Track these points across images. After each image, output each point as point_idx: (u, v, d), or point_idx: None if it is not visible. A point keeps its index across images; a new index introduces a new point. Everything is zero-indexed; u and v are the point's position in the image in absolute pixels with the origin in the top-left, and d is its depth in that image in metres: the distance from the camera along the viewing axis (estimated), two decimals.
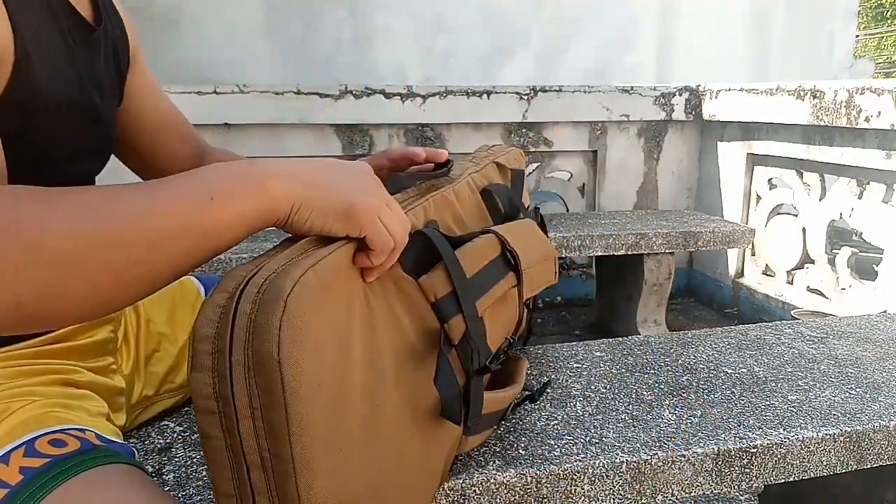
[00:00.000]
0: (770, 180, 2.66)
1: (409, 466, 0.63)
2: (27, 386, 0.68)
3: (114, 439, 0.68)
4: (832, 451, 0.86)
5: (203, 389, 0.50)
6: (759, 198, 2.70)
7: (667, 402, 0.92)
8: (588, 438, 0.82)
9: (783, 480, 0.86)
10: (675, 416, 0.88)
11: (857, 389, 0.97)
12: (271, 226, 0.53)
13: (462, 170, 0.89)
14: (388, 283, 0.62)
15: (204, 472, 0.77)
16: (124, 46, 0.86)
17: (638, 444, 0.81)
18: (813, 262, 2.44)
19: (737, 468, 0.83)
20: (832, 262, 2.34)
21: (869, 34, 15.29)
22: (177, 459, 0.80)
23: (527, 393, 0.84)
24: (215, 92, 2.25)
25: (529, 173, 2.81)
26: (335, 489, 0.52)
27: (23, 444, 0.61)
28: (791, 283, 2.55)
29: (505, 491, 0.76)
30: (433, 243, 0.67)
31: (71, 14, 0.71)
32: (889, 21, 15.43)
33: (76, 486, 0.58)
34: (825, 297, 2.38)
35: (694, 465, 0.82)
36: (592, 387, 0.97)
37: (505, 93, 2.63)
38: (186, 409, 0.91)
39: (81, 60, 0.72)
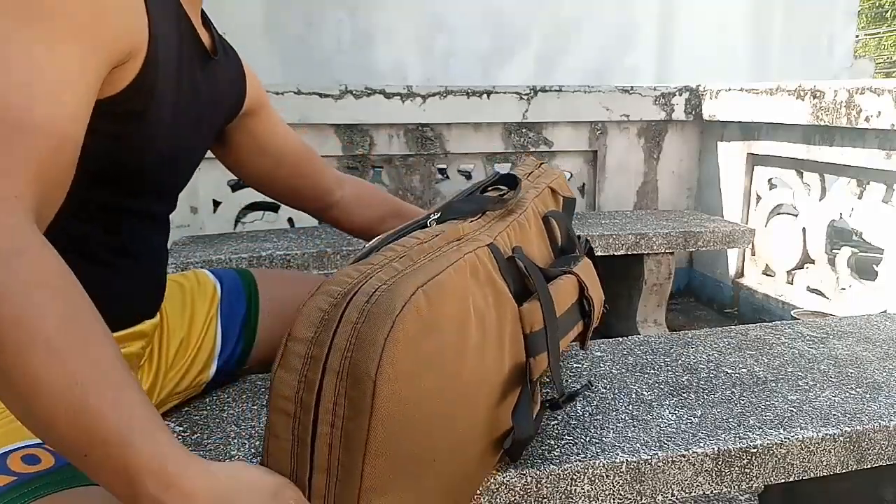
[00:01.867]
0: (770, 180, 2.66)
1: (467, 491, 0.62)
2: None
3: None
4: (832, 451, 0.86)
5: (285, 391, 0.49)
6: (759, 198, 2.70)
7: (667, 402, 0.92)
8: (588, 438, 0.82)
9: (783, 480, 0.86)
10: (675, 416, 0.88)
11: (857, 389, 0.97)
12: None
13: (524, 191, 0.85)
14: (505, 304, 0.61)
15: None
16: (240, 87, 0.92)
17: (638, 444, 0.81)
18: (813, 262, 2.44)
19: (737, 468, 0.83)
20: (832, 262, 2.34)
21: (869, 34, 15.29)
22: None
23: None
24: None
25: None
26: (400, 497, 0.52)
27: None
28: (791, 283, 2.55)
29: (505, 491, 0.76)
30: (526, 273, 0.66)
31: (194, 38, 0.76)
32: (889, 21, 15.42)
33: None
34: (825, 297, 2.37)
35: (694, 465, 0.82)
36: (592, 387, 0.97)
37: (505, 93, 2.63)
38: (186, 408, 0.91)
39: (192, 82, 0.76)
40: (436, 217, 0.66)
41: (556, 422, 0.86)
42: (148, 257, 0.81)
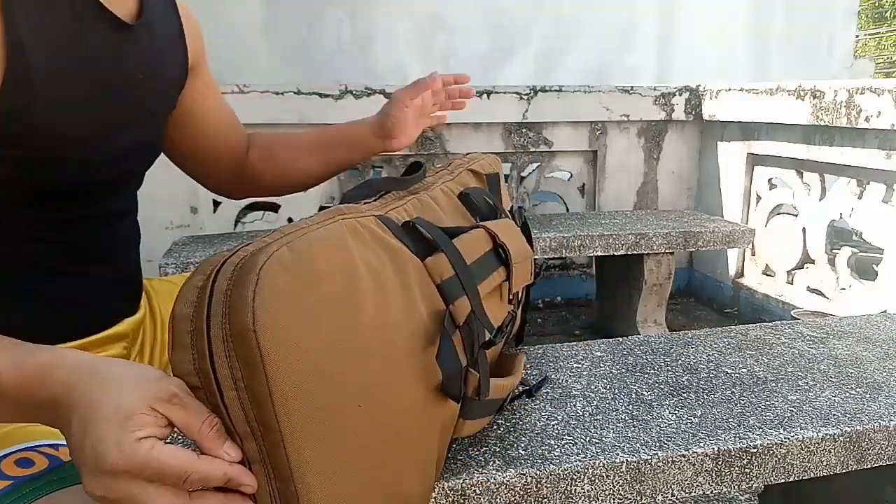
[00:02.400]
0: (770, 180, 2.66)
1: (410, 440, 0.63)
2: None
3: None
4: (832, 451, 0.86)
5: (184, 367, 0.50)
6: (759, 198, 2.70)
7: (667, 402, 0.92)
8: (588, 438, 0.82)
9: (783, 480, 0.86)
10: (675, 416, 0.88)
11: (857, 389, 0.97)
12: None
13: (436, 178, 0.89)
14: (405, 260, 0.64)
15: None
16: (179, 48, 0.85)
17: (638, 444, 0.81)
18: (813, 262, 2.44)
19: (737, 468, 0.83)
20: (832, 262, 2.34)
21: (869, 34, 15.29)
22: None
23: (525, 388, 0.84)
24: None
25: (529, 173, 2.81)
26: (328, 457, 0.53)
27: None
28: (791, 283, 2.55)
29: (505, 491, 0.76)
30: (426, 234, 0.68)
31: (97, 12, 0.68)
32: (889, 21, 15.42)
33: None
34: (825, 297, 2.38)
35: (694, 465, 0.82)
36: (592, 387, 0.97)
37: (505, 93, 2.63)
38: None
39: (108, 60, 0.69)
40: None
41: (556, 422, 0.86)
42: (106, 260, 0.77)
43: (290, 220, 2.59)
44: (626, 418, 0.87)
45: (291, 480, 0.51)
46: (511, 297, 0.83)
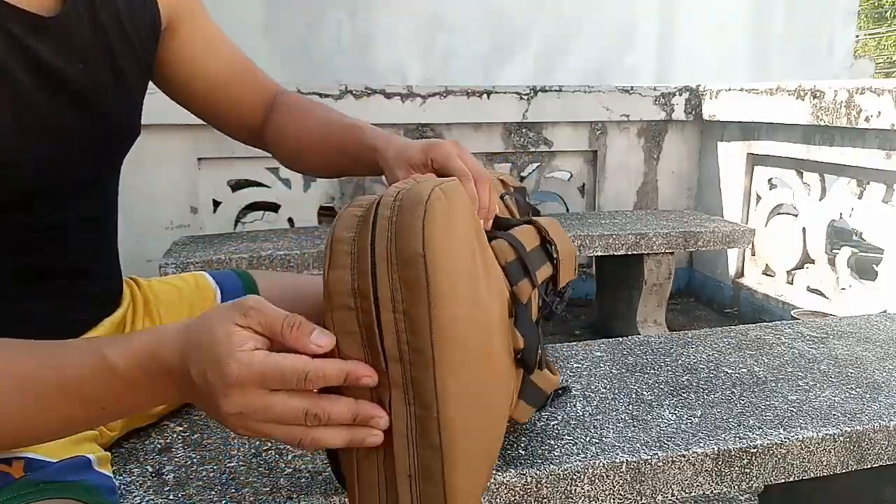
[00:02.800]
0: (770, 180, 2.66)
1: (503, 404, 0.65)
2: None
3: (50, 460, 0.62)
4: (832, 451, 0.86)
5: (341, 286, 0.52)
6: (759, 198, 2.70)
7: (667, 402, 0.92)
8: (588, 438, 0.82)
9: (783, 480, 0.86)
10: (675, 416, 0.88)
11: (857, 389, 0.97)
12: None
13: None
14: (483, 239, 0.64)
15: (204, 472, 0.77)
16: (145, 19, 0.77)
17: (638, 444, 0.81)
18: (813, 262, 2.44)
19: (737, 468, 0.83)
20: (832, 262, 2.34)
21: (869, 34, 15.29)
22: (177, 459, 0.80)
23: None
24: None
25: (529, 173, 2.81)
26: (464, 386, 0.54)
27: None
28: (791, 283, 2.55)
29: (505, 491, 0.76)
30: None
31: (7, 13, 0.61)
32: (889, 21, 15.43)
33: None
34: (825, 297, 2.38)
35: (694, 465, 0.82)
36: (592, 387, 0.97)
37: (505, 93, 2.63)
38: (186, 408, 0.91)
39: (23, 64, 0.62)
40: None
41: (556, 422, 0.86)
42: (70, 269, 0.73)
43: (290, 220, 2.59)
44: (626, 418, 0.87)
45: (434, 408, 0.52)
46: (557, 291, 0.84)
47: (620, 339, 1.16)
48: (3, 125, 0.61)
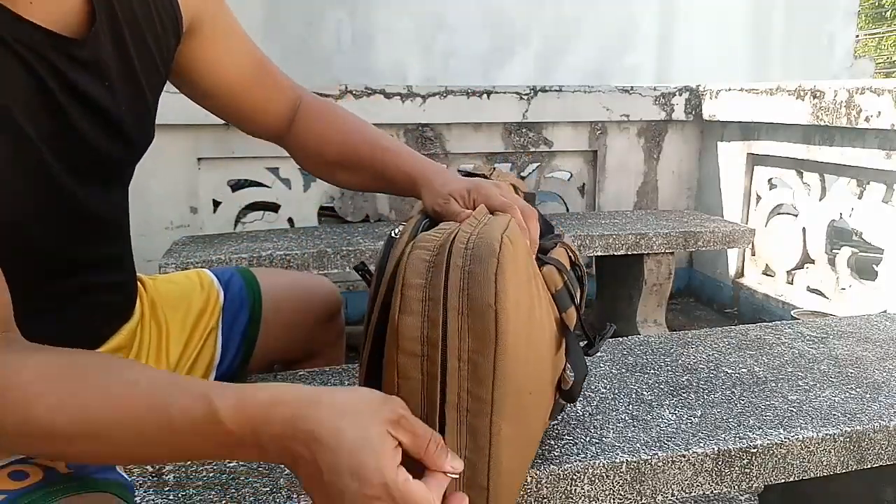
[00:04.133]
0: (770, 180, 2.66)
1: (542, 426, 0.69)
2: None
3: None
4: (832, 451, 0.86)
5: (411, 333, 0.54)
6: (759, 198, 2.70)
7: (667, 402, 0.92)
8: (588, 438, 0.82)
9: (783, 480, 0.86)
10: (675, 416, 0.88)
11: (857, 389, 0.97)
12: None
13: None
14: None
15: (204, 472, 0.77)
16: (162, 28, 0.75)
17: (638, 444, 0.81)
18: (813, 262, 2.44)
19: (737, 468, 0.83)
20: (832, 262, 2.34)
21: (869, 34, 15.29)
22: None
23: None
24: None
25: (529, 173, 2.81)
26: (517, 433, 0.57)
27: None
28: (791, 283, 2.55)
29: None
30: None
31: (32, 34, 0.60)
32: (889, 21, 15.42)
33: None
34: (825, 297, 2.38)
35: (694, 465, 0.82)
36: (592, 387, 0.97)
37: (505, 93, 2.63)
38: None
39: (61, 88, 0.62)
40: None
41: (556, 422, 0.86)
42: (93, 287, 0.73)
43: (290, 220, 2.59)
44: (626, 418, 0.87)
45: (487, 451, 0.55)
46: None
47: (620, 339, 1.16)
48: (56, 165, 0.62)
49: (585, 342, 0.81)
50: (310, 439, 0.49)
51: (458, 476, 0.53)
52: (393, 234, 0.70)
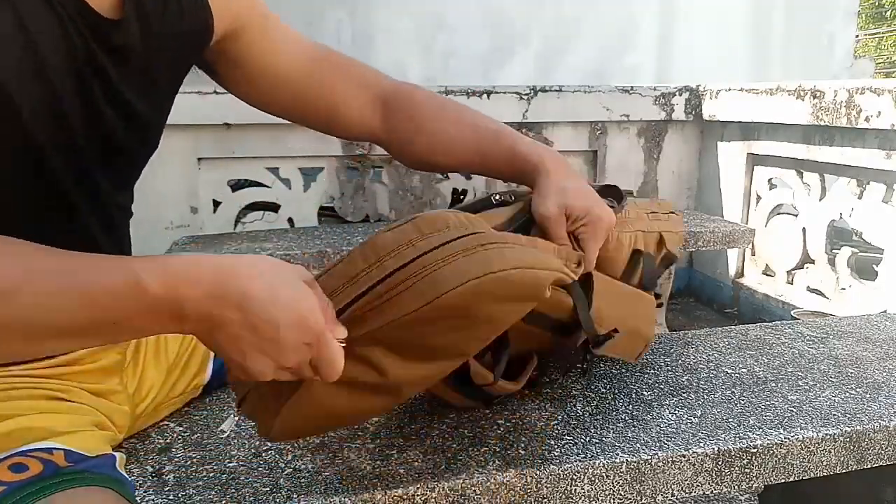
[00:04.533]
0: (770, 180, 2.66)
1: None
2: (4, 401, 0.65)
3: (87, 454, 0.64)
4: (832, 451, 0.86)
5: (379, 243, 0.62)
6: (759, 198, 2.70)
7: (667, 402, 0.92)
8: (588, 438, 0.82)
9: (783, 480, 0.86)
10: (675, 416, 0.88)
11: (857, 389, 0.97)
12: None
13: (637, 215, 0.96)
14: None
15: (204, 472, 0.77)
16: (189, 28, 0.74)
17: (638, 444, 0.81)
18: (813, 262, 2.44)
19: (737, 468, 0.83)
20: (832, 262, 2.34)
21: (869, 34, 15.29)
22: (177, 459, 0.80)
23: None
24: (215, 92, 2.24)
25: None
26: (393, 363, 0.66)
27: None
28: (791, 283, 2.55)
29: (505, 491, 0.76)
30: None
31: (81, 12, 0.62)
32: (889, 21, 15.43)
33: None
34: (825, 297, 2.38)
35: (694, 465, 0.82)
36: (592, 387, 0.97)
37: (505, 93, 2.63)
38: (186, 409, 0.91)
39: (105, 84, 0.65)
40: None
41: (556, 422, 0.86)
42: None
43: (290, 220, 2.59)
44: (626, 418, 0.87)
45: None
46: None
47: None
48: (75, 146, 0.64)
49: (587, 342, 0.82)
50: (242, 298, 0.52)
51: (342, 343, 0.58)
52: (494, 199, 0.77)
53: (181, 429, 0.86)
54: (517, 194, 0.84)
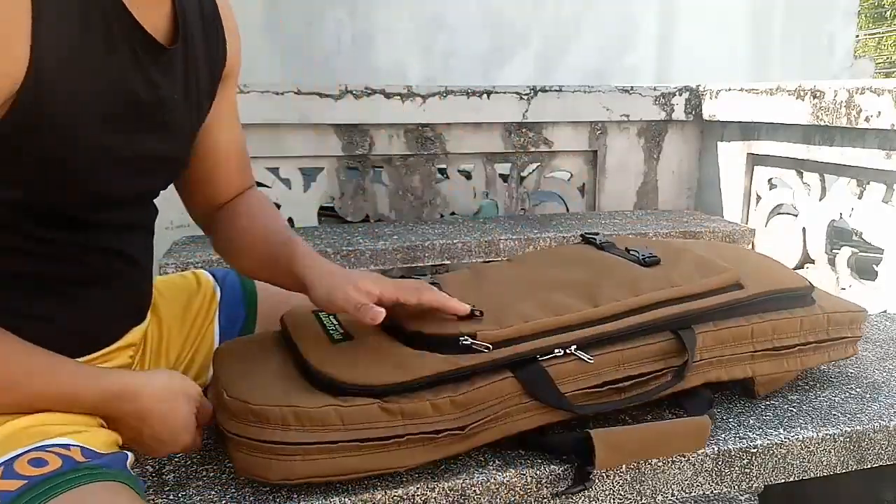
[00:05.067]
0: (770, 180, 2.66)
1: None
2: None
3: (103, 451, 0.66)
4: (832, 451, 0.86)
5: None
6: (759, 198, 2.70)
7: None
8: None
9: (783, 480, 0.86)
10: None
11: (857, 389, 0.97)
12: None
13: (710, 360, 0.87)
14: None
15: (204, 472, 0.77)
16: (217, 69, 0.85)
17: None
18: (813, 262, 2.44)
19: (737, 468, 0.83)
20: (832, 262, 2.34)
21: (869, 34, 15.29)
22: (177, 459, 0.80)
23: None
24: None
25: (529, 173, 2.81)
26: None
27: (2, 464, 0.60)
28: None
29: (505, 491, 0.76)
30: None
31: (132, 31, 0.69)
32: (889, 21, 15.42)
33: None
34: None
35: (694, 465, 0.82)
36: None
37: (505, 93, 2.63)
38: None
39: (141, 81, 0.71)
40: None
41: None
42: (119, 277, 0.78)
43: (290, 220, 2.59)
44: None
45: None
46: None
47: None
48: (116, 131, 0.69)
49: None
50: (140, 416, 0.70)
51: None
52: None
53: None
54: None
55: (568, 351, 0.78)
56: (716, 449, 0.82)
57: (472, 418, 0.73)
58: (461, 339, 0.75)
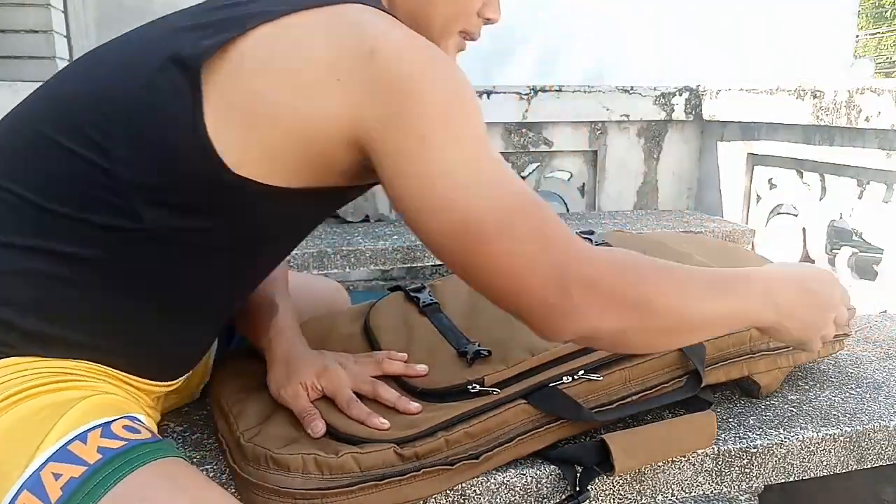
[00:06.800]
0: (770, 180, 2.66)
1: None
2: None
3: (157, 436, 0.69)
4: (832, 451, 0.86)
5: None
6: (759, 198, 2.70)
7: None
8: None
9: (783, 480, 0.86)
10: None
11: (857, 389, 0.97)
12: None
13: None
14: None
15: (204, 472, 0.77)
16: None
17: None
18: (813, 262, 2.44)
19: (737, 468, 0.83)
20: (832, 262, 2.34)
21: (869, 34, 15.29)
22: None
23: None
24: None
25: (529, 173, 2.81)
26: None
27: (99, 425, 0.61)
28: None
29: (505, 491, 0.76)
30: None
31: None
32: (889, 21, 15.42)
33: (151, 473, 0.60)
34: None
35: (694, 465, 0.82)
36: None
37: (505, 93, 2.63)
38: (186, 409, 0.91)
39: None
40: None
41: None
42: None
43: None
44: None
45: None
46: None
47: None
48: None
49: None
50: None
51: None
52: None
53: (181, 429, 0.86)
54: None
55: (576, 377, 0.80)
56: (716, 449, 0.82)
57: (487, 445, 0.75)
58: (469, 387, 0.77)
